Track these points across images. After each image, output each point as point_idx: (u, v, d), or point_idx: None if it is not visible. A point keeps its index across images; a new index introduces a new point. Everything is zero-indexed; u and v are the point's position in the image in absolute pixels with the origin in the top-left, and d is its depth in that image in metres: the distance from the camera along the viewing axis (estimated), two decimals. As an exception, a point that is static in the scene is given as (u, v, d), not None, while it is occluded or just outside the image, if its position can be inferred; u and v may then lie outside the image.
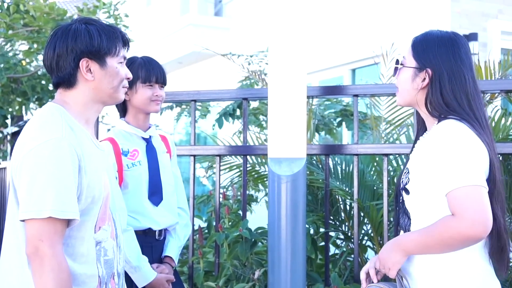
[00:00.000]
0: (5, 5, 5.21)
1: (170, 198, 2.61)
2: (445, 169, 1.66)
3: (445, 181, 1.66)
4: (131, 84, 2.45)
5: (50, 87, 5.69)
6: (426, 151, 1.76)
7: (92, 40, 1.76)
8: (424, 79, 1.81)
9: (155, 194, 2.55)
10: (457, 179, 1.64)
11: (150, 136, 2.60)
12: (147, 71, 2.53)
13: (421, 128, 1.94)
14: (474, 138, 1.70)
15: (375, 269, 1.83)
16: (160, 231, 2.58)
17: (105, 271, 1.77)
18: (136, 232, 2.51)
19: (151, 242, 2.56)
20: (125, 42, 1.86)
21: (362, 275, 1.87)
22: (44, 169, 1.62)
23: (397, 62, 1.89)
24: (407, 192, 1.81)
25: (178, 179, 2.71)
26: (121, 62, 1.83)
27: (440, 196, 1.70)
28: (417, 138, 1.93)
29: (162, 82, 2.56)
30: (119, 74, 1.82)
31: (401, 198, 1.86)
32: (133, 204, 2.49)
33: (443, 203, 1.69)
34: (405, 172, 1.86)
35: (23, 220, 1.64)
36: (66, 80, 1.77)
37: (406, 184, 1.82)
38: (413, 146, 1.92)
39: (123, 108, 2.61)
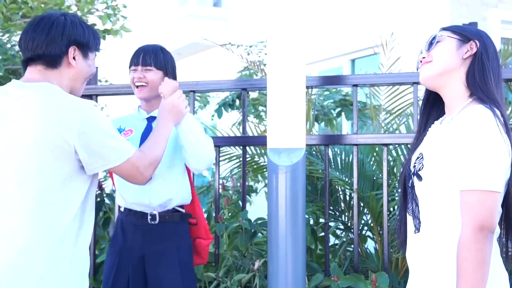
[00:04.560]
0: (3, -5, 5.18)
1: (164, 175, 2.53)
2: (466, 164, 1.64)
3: (463, 177, 1.64)
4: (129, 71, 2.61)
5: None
6: (450, 138, 1.71)
7: (84, 33, 2.00)
8: (469, 50, 1.80)
9: None
10: (475, 180, 1.62)
11: (151, 117, 2.62)
12: (132, 57, 2.61)
13: (432, 109, 1.91)
14: (500, 135, 1.66)
15: None
16: (153, 216, 2.54)
17: None
18: (128, 212, 2.55)
19: (142, 225, 2.55)
20: (99, 44, 2.12)
21: None
22: (106, 128, 1.92)
23: (433, 38, 1.85)
24: (420, 178, 1.77)
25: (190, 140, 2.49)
26: (94, 60, 2.08)
27: (454, 189, 1.68)
28: (429, 121, 1.90)
29: (141, 64, 2.55)
30: (92, 68, 2.07)
31: (410, 182, 1.82)
32: (121, 182, 2.50)
33: (457, 196, 1.68)
34: (418, 157, 1.81)
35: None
36: (51, 59, 1.95)
37: (419, 170, 1.78)
38: (424, 129, 1.89)
39: None
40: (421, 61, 1.87)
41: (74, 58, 1.97)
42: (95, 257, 3.48)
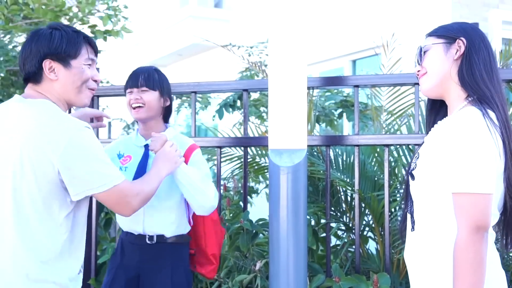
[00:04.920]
0: (4, -3, 5.18)
1: (163, 206, 2.51)
2: (457, 166, 1.64)
3: (453, 179, 1.65)
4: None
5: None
6: (440, 140, 1.73)
7: (51, 42, 1.91)
8: (458, 49, 1.79)
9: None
10: (466, 183, 1.63)
11: (147, 145, 2.57)
12: (128, 77, 2.59)
13: (439, 111, 1.90)
14: (490, 136, 1.66)
15: None
16: (151, 237, 2.52)
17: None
18: (127, 232, 2.57)
19: (140, 245, 2.53)
20: (92, 46, 2.01)
21: None
22: (93, 151, 1.84)
23: (418, 51, 1.85)
24: (413, 177, 1.80)
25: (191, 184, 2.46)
26: (88, 64, 1.98)
27: (444, 189, 1.70)
28: (432, 123, 1.89)
29: (138, 85, 2.54)
30: (84, 74, 1.96)
31: (409, 182, 1.85)
32: None
33: (446, 196, 1.69)
34: (415, 157, 1.83)
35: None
36: (32, 77, 1.93)
37: (413, 169, 1.80)
38: (429, 130, 1.90)
39: None
40: (418, 75, 1.88)
41: (54, 71, 1.91)
42: (97, 258, 3.48)
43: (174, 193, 2.51)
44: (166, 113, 2.65)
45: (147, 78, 2.54)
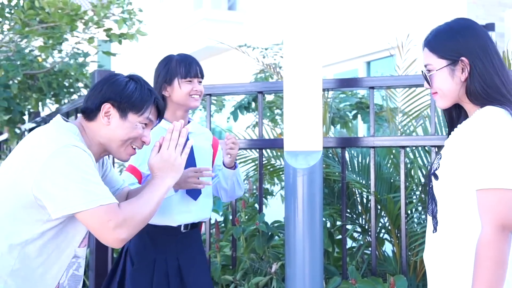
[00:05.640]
0: (21, 2, 5.24)
1: (207, 192, 2.63)
2: (480, 162, 1.62)
3: (478, 176, 1.63)
4: (171, 81, 2.56)
5: (66, 83, 5.71)
6: (462, 138, 1.71)
7: (124, 90, 1.88)
8: (463, 69, 1.74)
9: (193, 189, 2.57)
10: (492, 179, 1.60)
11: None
12: (186, 67, 2.58)
13: (458, 116, 1.88)
14: None
15: None
16: (186, 225, 2.58)
17: (67, 282, 1.87)
18: (161, 227, 2.56)
19: (175, 235, 2.57)
20: (159, 110, 1.96)
21: None
22: (77, 166, 1.71)
23: (424, 75, 1.82)
24: (436, 177, 1.78)
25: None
26: (144, 124, 1.92)
27: (469, 186, 1.67)
28: (453, 126, 1.87)
29: (200, 76, 2.62)
30: (135, 131, 1.90)
31: (431, 183, 1.83)
32: None
33: (471, 193, 1.67)
34: (437, 158, 1.81)
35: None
36: (88, 112, 1.90)
37: (436, 169, 1.78)
38: (449, 133, 1.88)
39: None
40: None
41: (109, 116, 1.87)
42: (113, 260, 3.50)
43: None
44: None
45: (200, 68, 2.64)
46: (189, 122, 2.66)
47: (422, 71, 1.84)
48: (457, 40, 1.76)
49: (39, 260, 1.78)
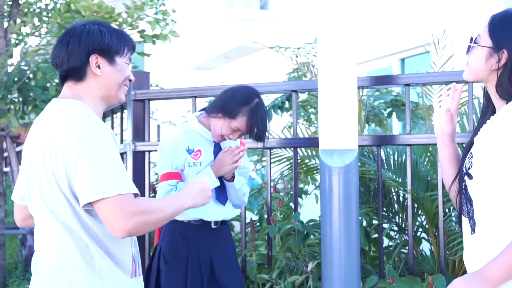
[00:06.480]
0: (58, 5, 5.33)
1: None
2: None
3: None
4: (234, 118, 2.60)
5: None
6: (494, 134, 1.68)
7: (103, 38, 1.89)
8: (499, 60, 1.74)
9: (222, 195, 2.69)
10: None
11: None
12: (252, 118, 2.59)
13: (488, 109, 1.86)
14: None
15: None
16: (216, 221, 2.66)
17: (135, 250, 1.91)
18: (190, 223, 2.60)
19: (205, 231, 2.64)
20: (133, 47, 2.00)
21: None
22: (102, 153, 1.72)
23: (470, 40, 1.82)
24: (470, 177, 1.74)
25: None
26: (127, 63, 1.96)
27: (507, 182, 1.64)
28: (483, 121, 1.85)
29: None
30: (125, 72, 1.94)
31: (463, 183, 1.79)
32: None
33: (507, 192, 1.63)
34: (468, 157, 1.78)
35: (89, 203, 1.70)
36: (76, 73, 1.88)
37: (469, 168, 1.75)
38: (478, 129, 1.85)
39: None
40: None
41: (98, 66, 1.88)
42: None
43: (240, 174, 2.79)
44: None
45: None
46: None
47: (471, 37, 1.83)
48: (509, 37, 1.75)
49: (109, 241, 1.80)
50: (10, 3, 5.91)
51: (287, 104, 4.71)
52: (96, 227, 1.78)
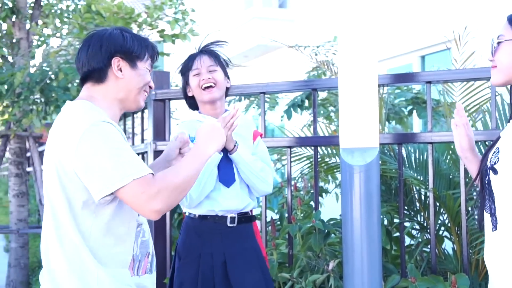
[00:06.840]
0: (79, 6, 5.38)
1: (243, 183, 2.62)
2: None
3: None
4: (187, 79, 2.67)
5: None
6: None
7: (125, 42, 1.92)
8: None
9: (227, 176, 2.58)
10: None
11: None
12: (189, 60, 2.68)
13: None
14: None
15: None
16: (233, 218, 2.59)
17: (139, 251, 1.90)
18: (203, 218, 2.58)
19: (221, 229, 2.58)
20: (154, 54, 2.01)
21: None
22: (106, 144, 1.72)
23: (491, 45, 1.80)
24: (495, 172, 1.72)
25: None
26: (148, 69, 1.97)
27: None
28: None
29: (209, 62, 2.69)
30: (146, 78, 1.96)
31: (487, 178, 1.77)
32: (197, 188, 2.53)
33: None
34: (494, 152, 1.76)
35: (106, 196, 1.72)
36: (97, 75, 1.90)
37: (494, 163, 1.73)
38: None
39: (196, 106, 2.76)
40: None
41: (120, 69, 1.90)
42: (171, 258, 3.55)
43: None
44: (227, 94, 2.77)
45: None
46: (225, 111, 2.69)
47: (492, 40, 1.80)
48: None
49: (109, 241, 1.81)
50: (32, 5, 5.99)
51: (306, 103, 4.70)
52: (97, 227, 1.80)
